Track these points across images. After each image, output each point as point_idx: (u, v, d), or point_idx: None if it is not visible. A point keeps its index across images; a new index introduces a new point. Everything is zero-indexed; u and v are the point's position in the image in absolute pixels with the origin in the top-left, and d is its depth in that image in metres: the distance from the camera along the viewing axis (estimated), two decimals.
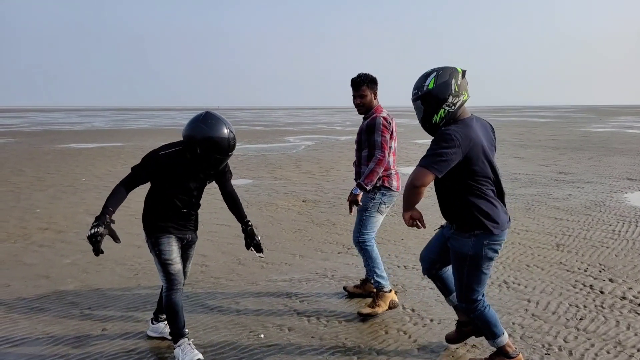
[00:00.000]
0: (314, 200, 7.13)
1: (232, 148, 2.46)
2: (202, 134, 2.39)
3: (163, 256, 2.54)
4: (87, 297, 3.53)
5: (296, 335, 2.94)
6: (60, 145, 16.48)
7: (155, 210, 2.58)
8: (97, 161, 11.93)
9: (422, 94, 2.27)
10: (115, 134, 22.64)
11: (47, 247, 4.84)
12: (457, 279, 2.41)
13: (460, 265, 2.36)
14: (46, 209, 6.57)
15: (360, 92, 3.21)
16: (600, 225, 5.57)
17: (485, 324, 2.43)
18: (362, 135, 3.22)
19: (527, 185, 8.37)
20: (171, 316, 2.58)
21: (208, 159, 2.44)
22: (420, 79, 2.30)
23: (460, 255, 2.34)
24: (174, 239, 2.58)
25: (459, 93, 2.24)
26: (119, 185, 2.47)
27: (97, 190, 7.96)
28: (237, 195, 2.79)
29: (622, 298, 3.50)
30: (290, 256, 4.52)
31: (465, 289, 2.38)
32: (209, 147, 2.40)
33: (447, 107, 2.24)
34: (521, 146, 15.73)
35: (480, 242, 2.29)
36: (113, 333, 2.96)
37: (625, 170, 10.01)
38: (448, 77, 2.24)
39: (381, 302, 3.18)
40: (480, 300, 2.41)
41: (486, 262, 2.33)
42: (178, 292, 2.57)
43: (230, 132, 2.44)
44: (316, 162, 11.68)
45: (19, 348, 2.79)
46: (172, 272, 2.55)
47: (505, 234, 2.38)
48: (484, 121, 2.41)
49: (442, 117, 2.26)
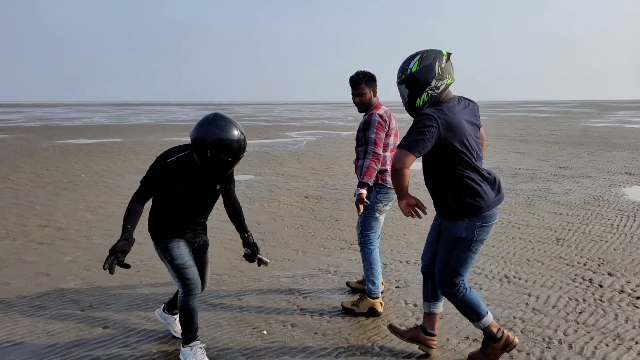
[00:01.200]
0: (316, 196, 7.13)
1: (242, 150, 2.38)
2: (212, 137, 2.30)
3: (175, 261, 2.46)
4: (89, 295, 3.53)
5: (299, 331, 2.94)
6: (59, 141, 16.43)
7: (162, 217, 2.51)
8: (96, 157, 11.90)
9: (405, 77, 2.25)
10: (115, 130, 22.58)
11: (47, 244, 4.84)
12: (444, 262, 2.37)
13: (450, 248, 2.34)
14: (46, 205, 6.56)
15: (358, 90, 3.19)
16: (600, 219, 5.58)
17: (469, 306, 2.42)
18: (360, 132, 3.21)
19: (528, 180, 8.38)
20: (186, 321, 2.53)
21: (218, 162, 2.35)
22: (405, 62, 2.28)
23: (452, 237, 2.32)
24: (183, 243, 2.51)
25: (442, 76, 2.22)
26: (133, 202, 2.40)
27: (97, 187, 7.94)
28: (240, 205, 2.72)
29: (621, 291, 3.52)
30: (292, 252, 4.52)
31: (451, 273, 2.36)
32: (219, 150, 2.30)
33: (430, 90, 2.22)
34: (522, 141, 15.74)
35: (472, 225, 2.28)
36: (115, 331, 2.96)
37: (624, 165, 10.03)
38: (432, 60, 2.22)
39: (362, 304, 3.16)
40: (462, 284, 2.40)
41: (478, 245, 2.33)
42: (195, 298, 2.51)
43: (240, 134, 2.36)
44: (318, 158, 11.68)
45: (20, 347, 2.79)
46: (187, 276, 2.47)
47: (497, 214, 2.35)
48: (467, 101, 2.38)
49: (425, 100, 2.24)
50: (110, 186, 7.95)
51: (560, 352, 2.68)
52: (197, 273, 2.54)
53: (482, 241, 2.35)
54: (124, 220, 2.36)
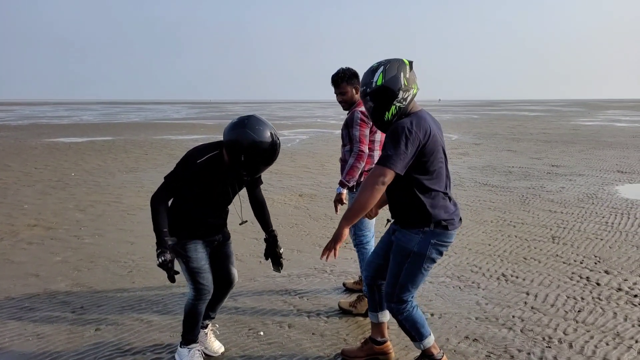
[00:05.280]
0: (310, 195, 7.08)
1: (277, 155, 2.30)
2: (248, 141, 2.19)
3: (191, 264, 2.37)
4: (79, 296, 3.44)
5: (296, 332, 2.89)
6: (48, 139, 16.17)
7: (182, 217, 2.39)
8: (86, 155, 11.72)
9: (371, 90, 2.11)
10: (105, 128, 22.30)
11: (36, 244, 4.72)
12: (393, 276, 2.24)
13: (400, 261, 2.21)
14: (34, 204, 6.42)
15: (340, 89, 3.15)
16: (594, 217, 5.60)
17: (413, 325, 2.29)
18: (344, 131, 3.16)
19: (521, 178, 8.41)
20: (191, 324, 2.46)
21: (251, 167, 2.27)
22: (367, 74, 2.14)
23: (403, 250, 2.20)
24: (201, 245, 2.42)
25: (408, 87, 2.10)
26: (157, 202, 2.26)
27: (87, 185, 7.80)
28: (265, 202, 2.63)
29: (618, 290, 3.52)
30: (288, 251, 4.46)
31: (399, 288, 2.22)
32: (254, 155, 2.21)
33: (398, 102, 2.10)
34: (513, 139, 15.83)
35: (427, 240, 2.16)
36: (108, 334, 2.88)
37: (615, 163, 10.12)
38: (396, 71, 2.09)
39: (360, 305, 3.12)
40: (410, 302, 2.26)
41: (428, 263, 2.19)
42: (205, 303, 2.45)
43: (277, 139, 2.26)
44: (311, 156, 11.62)
45: (8, 350, 2.70)
46: (201, 281, 2.40)
47: (454, 235, 2.23)
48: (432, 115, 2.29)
49: (393, 114, 2.11)
50: (100, 185, 7.82)
51: (561, 351, 2.66)
52: (211, 279, 2.45)
53: (434, 260, 2.21)
54: (159, 225, 2.21)
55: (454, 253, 4.36)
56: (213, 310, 2.64)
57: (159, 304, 3.30)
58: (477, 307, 3.23)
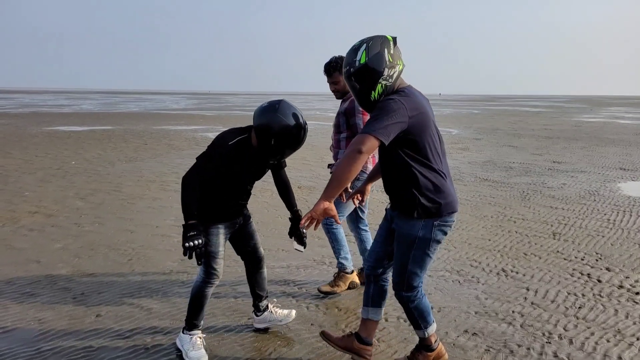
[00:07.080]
0: (309, 187, 7.07)
1: (304, 140, 2.35)
2: (279, 125, 2.22)
3: (210, 247, 2.40)
4: (80, 283, 3.45)
5: (295, 322, 2.88)
6: (49, 127, 16.13)
7: (207, 199, 2.39)
8: (86, 144, 11.70)
9: (354, 70, 2.01)
10: (105, 117, 22.24)
11: (37, 231, 4.72)
12: (400, 265, 2.17)
13: (406, 249, 2.14)
14: (35, 192, 6.41)
15: (333, 78, 3.16)
16: (596, 214, 5.59)
17: (421, 312, 2.26)
18: (340, 119, 3.17)
19: (522, 174, 8.39)
20: (196, 307, 2.49)
21: (279, 151, 2.30)
22: (349, 54, 2.04)
23: (407, 237, 2.12)
24: (222, 231, 2.45)
25: (394, 64, 2.01)
26: (189, 182, 2.24)
27: (87, 173, 7.79)
28: (289, 183, 2.66)
29: (620, 287, 3.51)
30: (287, 243, 4.45)
31: (409, 275, 2.17)
32: (284, 139, 2.25)
33: (384, 80, 2.00)
34: (515, 135, 15.78)
35: (430, 223, 2.09)
36: (108, 320, 2.89)
37: (618, 160, 10.09)
38: (380, 48, 1.99)
39: (341, 282, 3.28)
40: (420, 288, 2.22)
41: (434, 245, 2.14)
42: (212, 287, 2.50)
43: (305, 124, 2.31)
44: (310, 149, 11.57)
45: (10, 334, 2.71)
46: (214, 265, 2.44)
47: (455, 217, 2.18)
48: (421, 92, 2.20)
49: (380, 92, 2.02)
50: (100, 173, 7.81)
51: (560, 347, 2.66)
52: (223, 265, 2.51)
53: (439, 242, 2.16)
54: (190, 206, 2.21)
55: (454, 247, 4.35)
56: (262, 289, 2.72)
57: (158, 291, 3.31)
58: (477, 302, 3.23)
